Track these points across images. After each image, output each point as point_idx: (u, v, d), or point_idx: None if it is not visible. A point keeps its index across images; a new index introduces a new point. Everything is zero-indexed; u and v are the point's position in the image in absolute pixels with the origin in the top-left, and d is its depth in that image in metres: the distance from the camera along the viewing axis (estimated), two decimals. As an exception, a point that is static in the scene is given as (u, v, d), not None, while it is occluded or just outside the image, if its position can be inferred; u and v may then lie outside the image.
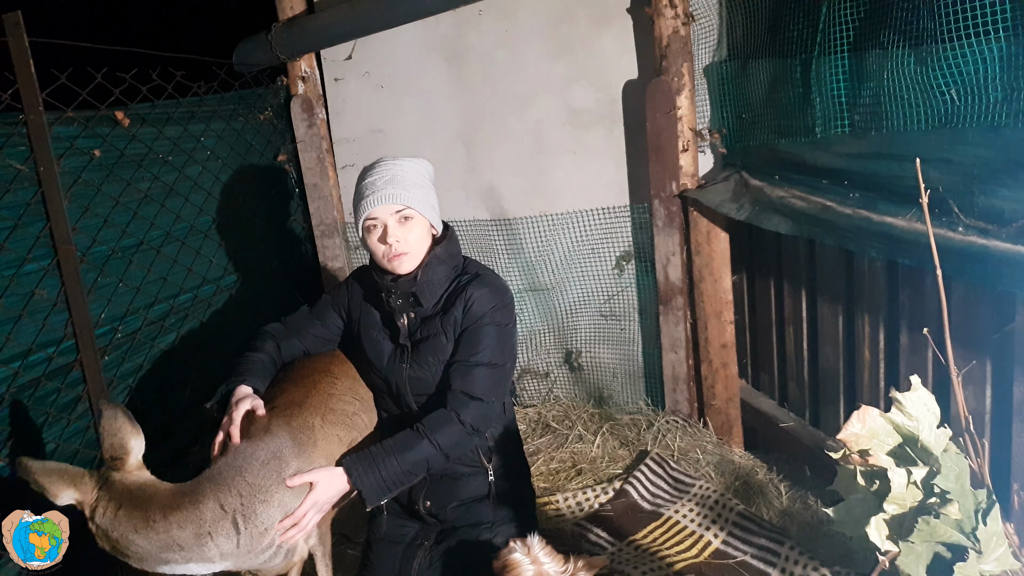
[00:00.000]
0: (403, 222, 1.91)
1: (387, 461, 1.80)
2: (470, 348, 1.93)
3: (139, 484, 1.68)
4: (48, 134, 2.31)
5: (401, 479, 1.83)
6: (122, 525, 1.63)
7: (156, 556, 1.65)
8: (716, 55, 2.84)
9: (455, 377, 1.93)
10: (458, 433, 1.88)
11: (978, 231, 1.69)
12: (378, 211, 1.89)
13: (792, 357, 2.76)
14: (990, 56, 1.63)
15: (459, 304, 1.95)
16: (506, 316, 1.99)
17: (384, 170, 1.94)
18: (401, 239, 1.90)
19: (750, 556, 2.27)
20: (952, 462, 1.34)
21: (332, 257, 3.61)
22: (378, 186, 1.90)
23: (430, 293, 1.96)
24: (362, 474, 1.79)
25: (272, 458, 1.76)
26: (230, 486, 1.70)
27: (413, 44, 3.36)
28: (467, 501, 2.04)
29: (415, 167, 1.99)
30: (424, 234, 1.96)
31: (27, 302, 2.27)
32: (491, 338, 1.94)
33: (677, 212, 2.93)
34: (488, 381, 1.93)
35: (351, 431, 1.97)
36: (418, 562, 2.01)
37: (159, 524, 1.63)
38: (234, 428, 1.81)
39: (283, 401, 1.90)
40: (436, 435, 1.85)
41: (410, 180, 1.93)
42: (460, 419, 1.88)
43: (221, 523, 1.67)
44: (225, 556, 1.70)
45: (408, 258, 1.92)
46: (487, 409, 1.93)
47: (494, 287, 1.99)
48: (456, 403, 1.90)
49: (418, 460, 1.83)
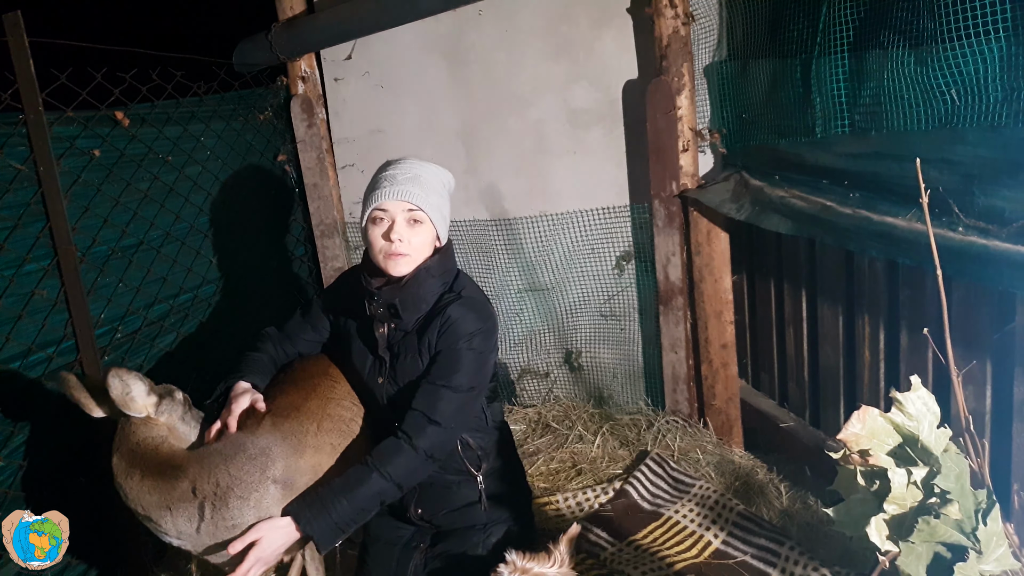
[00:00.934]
0: (412, 224, 1.87)
1: (336, 502, 1.70)
2: (441, 371, 1.85)
3: (143, 438, 1.75)
4: (48, 134, 2.31)
5: (355, 517, 1.74)
6: (118, 465, 1.73)
7: (130, 502, 1.72)
8: (716, 55, 2.84)
9: (420, 396, 1.84)
10: (411, 461, 1.79)
11: (978, 231, 1.69)
12: (390, 204, 1.85)
13: (792, 357, 2.76)
14: (990, 56, 1.63)
15: (436, 324, 1.87)
16: (485, 342, 1.90)
17: (408, 167, 1.91)
18: (405, 239, 1.85)
19: (750, 556, 2.27)
20: (952, 462, 1.34)
21: (332, 257, 3.61)
22: (398, 180, 1.87)
23: (412, 307, 1.89)
24: (311, 520, 1.68)
25: (260, 455, 1.76)
26: (210, 472, 1.71)
27: (413, 44, 3.36)
28: (459, 507, 2.02)
29: (438, 174, 1.96)
30: (428, 241, 1.91)
31: (27, 302, 2.27)
32: (466, 363, 1.85)
33: (677, 212, 2.93)
34: (453, 406, 1.84)
35: (346, 438, 1.95)
36: (414, 564, 2.01)
37: (134, 480, 1.70)
38: (232, 419, 1.82)
39: (282, 403, 1.90)
40: (387, 467, 1.76)
41: (430, 184, 1.90)
42: (413, 445, 1.79)
43: (186, 504, 1.69)
44: (182, 536, 1.71)
45: (406, 260, 1.87)
46: (446, 435, 1.84)
47: (477, 311, 1.90)
48: (413, 427, 1.81)
49: (369, 496, 1.74)
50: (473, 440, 2.00)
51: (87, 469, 2.42)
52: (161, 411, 1.78)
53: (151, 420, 1.77)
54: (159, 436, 1.77)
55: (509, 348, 3.56)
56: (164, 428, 1.78)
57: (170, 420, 1.80)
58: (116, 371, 1.69)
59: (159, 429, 1.77)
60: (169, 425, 1.80)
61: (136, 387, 1.72)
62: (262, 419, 1.83)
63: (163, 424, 1.78)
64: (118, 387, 1.70)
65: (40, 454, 2.28)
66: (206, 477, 1.71)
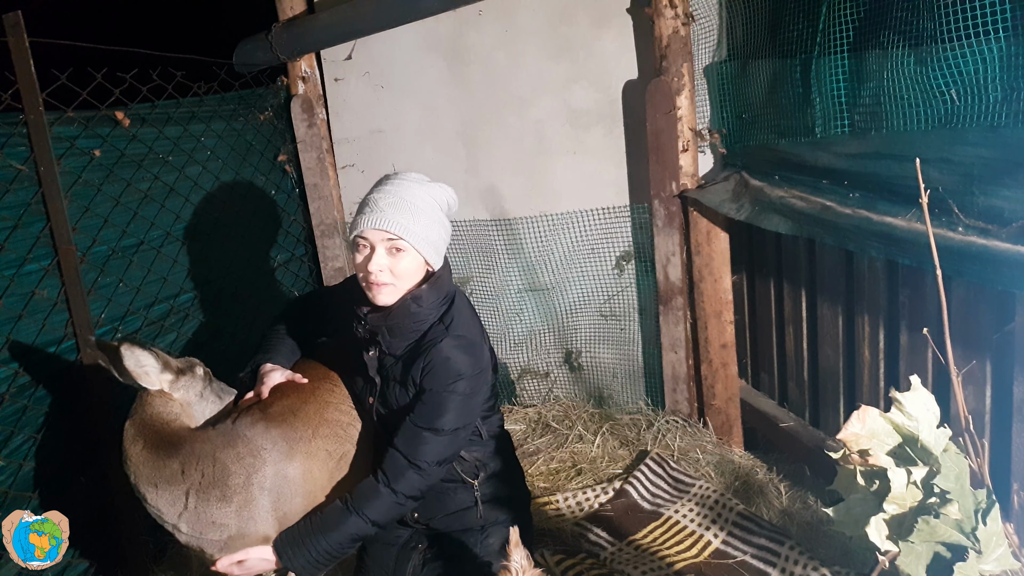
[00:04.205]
0: (393, 252, 1.76)
1: (315, 541, 1.74)
2: (425, 413, 1.78)
3: (157, 411, 1.77)
4: (48, 134, 2.31)
5: (332, 554, 1.76)
6: (128, 430, 1.75)
7: (127, 469, 1.73)
8: (716, 55, 2.84)
9: (402, 436, 1.79)
10: (388, 504, 1.78)
11: (978, 231, 1.69)
12: (370, 233, 1.75)
13: (792, 357, 2.76)
14: (990, 56, 1.63)
15: (420, 362, 1.80)
16: (471, 385, 1.81)
17: (394, 190, 1.78)
18: (384, 269, 1.75)
19: (750, 556, 2.27)
20: (952, 462, 1.34)
21: (332, 257, 3.61)
22: (380, 206, 1.75)
23: (399, 335, 1.82)
24: (292, 556, 1.74)
25: (249, 455, 1.76)
26: (199, 459, 1.73)
27: (413, 44, 3.36)
28: (455, 511, 2.02)
29: (429, 195, 1.81)
30: (413, 269, 1.79)
31: (27, 302, 2.27)
32: (451, 408, 1.78)
33: (677, 212, 2.93)
34: (436, 448, 1.79)
35: (343, 444, 1.94)
36: (412, 565, 2.00)
37: (137, 448, 1.72)
38: (265, 388, 1.90)
39: (279, 407, 1.88)
40: (365, 510, 1.76)
41: (417, 209, 1.76)
42: (391, 488, 1.77)
43: (173, 488, 1.70)
44: (164, 518, 1.72)
45: (389, 290, 1.78)
46: (426, 478, 1.80)
47: (467, 353, 1.80)
48: (392, 469, 1.78)
49: (347, 536, 1.76)
50: (468, 453, 1.99)
51: (87, 469, 2.42)
52: (178, 387, 1.80)
53: (166, 395, 1.78)
54: (172, 412, 1.78)
55: (509, 348, 3.56)
56: (178, 405, 1.80)
57: (186, 397, 1.81)
58: (129, 345, 1.72)
59: (173, 405, 1.79)
60: (184, 402, 1.81)
61: (149, 362, 1.75)
62: (258, 419, 1.83)
63: (178, 400, 1.80)
64: (131, 360, 1.72)
65: (40, 454, 2.28)
66: (194, 463, 1.72)
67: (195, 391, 1.84)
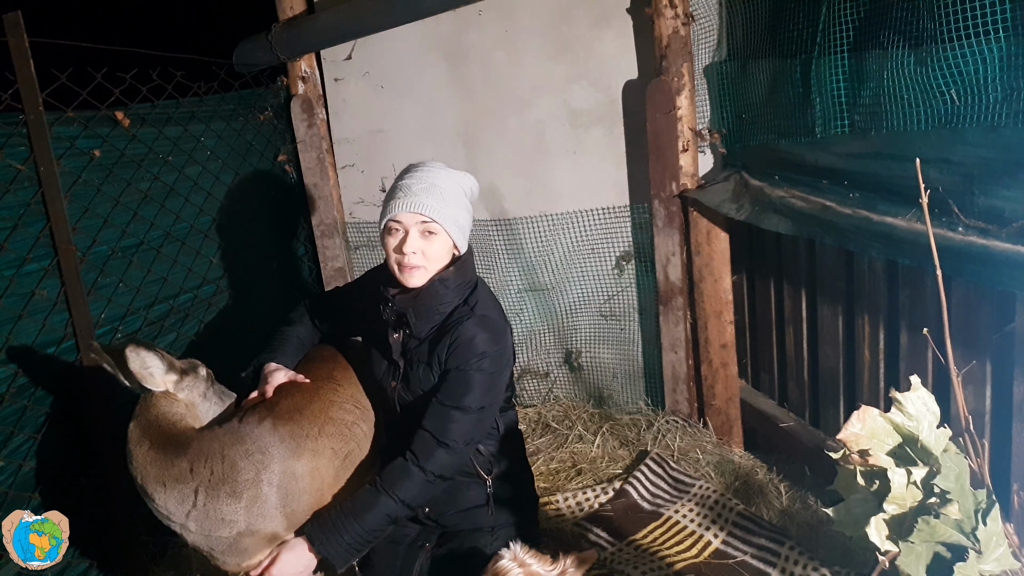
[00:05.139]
0: (426, 235, 1.82)
1: (348, 525, 1.75)
2: (452, 392, 1.83)
3: (163, 412, 1.77)
4: (48, 134, 2.31)
5: (367, 538, 1.78)
6: (132, 431, 1.75)
7: (133, 469, 1.73)
8: (716, 55, 2.84)
9: (430, 416, 1.83)
10: (419, 484, 1.80)
11: (978, 231, 1.69)
12: (404, 216, 1.81)
13: (792, 357, 2.76)
14: (990, 56, 1.63)
15: (446, 340, 1.85)
16: (496, 363, 1.87)
17: (424, 176, 1.85)
18: (418, 251, 1.82)
19: (750, 556, 2.27)
20: (952, 462, 1.34)
21: (332, 257, 3.61)
22: (413, 191, 1.81)
23: (425, 317, 1.87)
24: (325, 542, 1.74)
25: (258, 452, 1.77)
26: (208, 457, 1.73)
27: (413, 44, 3.36)
28: (466, 508, 2.03)
29: (457, 181, 1.90)
30: (444, 252, 1.87)
31: (27, 302, 2.27)
32: (476, 385, 1.83)
33: (677, 212, 2.93)
34: (464, 427, 1.83)
35: (348, 442, 1.96)
36: (419, 564, 2.00)
37: (143, 448, 1.72)
38: (269, 387, 1.92)
39: (285, 405, 1.90)
40: (395, 490, 1.78)
41: (447, 194, 1.84)
42: (421, 467, 1.80)
43: (181, 486, 1.70)
44: (172, 517, 1.72)
45: (420, 272, 1.84)
46: (455, 457, 1.84)
47: (490, 330, 1.86)
48: (421, 448, 1.81)
49: (380, 517, 1.78)
50: (484, 447, 2.01)
51: (87, 469, 2.42)
52: (182, 387, 1.80)
53: (171, 395, 1.79)
54: (178, 413, 1.79)
55: (509, 348, 3.56)
56: (183, 405, 1.80)
57: (190, 397, 1.82)
58: (135, 346, 1.71)
59: (178, 406, 1.79)
60: (188, 402, 1.81)
61: (154, 363, 1.75)
62: (264, 417, 1.84)
63: (182, 401, 1.80)
64: (136, 362, 1.72)
65: (40, 454, 2.28)
66: (203, 461, 1.72)
67: (198, 392, 1.84)
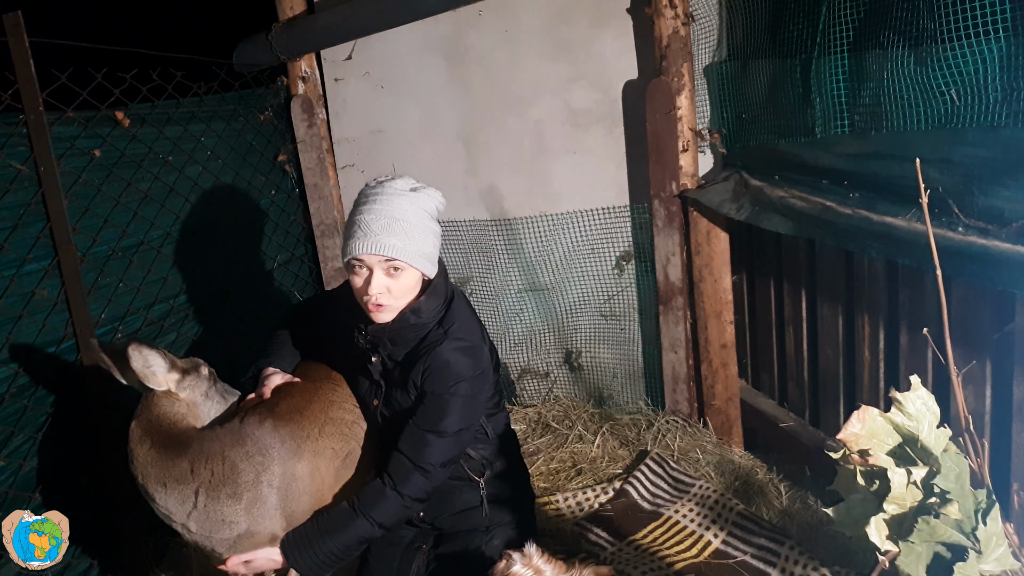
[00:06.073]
0: (392, 272, 1.75)
1: (322, 542, 1.77)
2: (427, 416, 1.81)
3: (164, 412, 1.77)
4: (48, 134, 2.31)
5: (338, 556, 1.79)
6: (134, 430, 1.75)
7: (134, 469, 1.73)
8: (716, 55, 2.84)
9: (405, 439, 1.81)
10: (395, 507, 1.80)
11: (978, 231, 1.69)
12: (365, 257, 1.74)
13: (792, 357, 2.76)
14: (990, 56, 1.63)
15: (419, 365, 1.82)
16: (473, 386, 1.83)
17: (384, 210, 1.74)
18: (384, 291, 1.75)
19: (750, 556, 2.27)
20: (952, 462, 1.34)
21: (332, 257, 3.61)
22: (372, 229, 1.72)
23: (400, 343, 1.85)
24: (298, 556, 1.77)
25: (258, 453, 1.77)
26: (209, 457, 1.73)
27: (413, 44, 3.36)
28: (460, 510, 2.03)
29: (416, 207, 1.78)
30: (412, 284, 1.80)
31: (27, 302, 2.27)
32: (452, 410, 1.80)
33: (677, 212, 2.93)
34: (440, 450, 1.81)
35: (348, 441, 1.96)
36: (416, 565, 2.01)
37: (144, 448, 1.72)
38: (267, 389, 1.92)
39: (284, 406, 1.90)
40: (371, 512, 1.78)
41: (409, 225, 1.74)
42: (398, 492, 1.79)
43: (182, 487, 1.70)
44: (173, 517, 1.73)
45: (388, 310, 1.79)
46: (431, 480, 1.82)
47: (465, 356, 1.82)
48: (397, 472, 1.80)
49: (354, 538, 1.79)
50: (475, 451, 2.01)
51: (87, 469, 2.42)
52: (183, 387, 1.80)
53: (173, 395, 1.79)
54: (179, 412, 1.79)
55: (509, 348, 3.56)
56: (185, 405, 1.80)
57: (192, 396, 1.82)
58: (137, 345, 1.72)
59: (180, 405, 1.80)
60: (190, 402, 1.81)
61: (156, 362, 1.75)
62: (265, 418, 1.84)
63: (184, 400, 1.80)
64: (138, 360, 1.72)
65: (40, 454, 2.28)
66: (204, 462, 1.73)
67: (200, 391, 1.85)
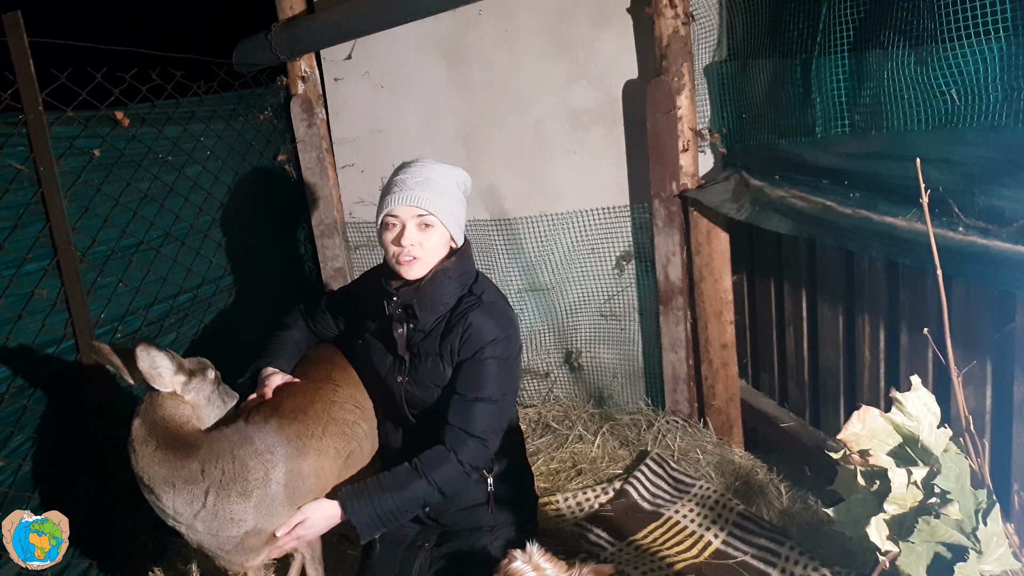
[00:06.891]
0: (423, 228, 1.87)
1: (383, 497, 1.79)
2: (470, 383, 1.88)
3: (169, 413, 1.77)
4: (48, 134, 2.30)
5: (396, 515, 1.81)
6: (137, 430, 1.75)
7: (138, 470, 1.73)
8: (716, 55, 2.84)
9: (454, 412, 1.88)
10: (455, 472, 1.86)
11: (978, 231, 1.69)
12: (400, 210, 1.86)
13: (792, 357, 2.76)
14: (990, 56, 1.63)
15: (457, 331, 1.89)
16: (508, 349, 1.91)
17: (418, 171, 1.91)
18: (416, 244, 1.86)
19: (750, 556, 2.27)
20: (952, 462, 1.34)
21: (332, 257, 3.61)
22: (408, 185, 1.87)
23: (430, 309, 1.90)
24: (357, 508, 1.78)
25: (266, 451, 1.78)
26: (218, 458, 1.74)
27: (413, 44, 3.36)
28: (466, 507, 2.04)
29: (449, 175, 1.95)
30: (441, 244, 1.91)
31: (27, 302, 2.26)
32: (492, 374, 1.88)
33: (677, 212, 2.93)
34: (487, 417, 1.88)
35: (350, 441, 1.97)
36: (418, 564, 2.01)
37: (148, 448, 1.72)
38: (267, 389, 1.94)
39: (288, 406, 1.92)
40: (433, 474, 1.83)
41: (441, 187, 1.90)
42: (458, 458, 1.85)
43: (191, 487, 1.71)
44: (178, 517, 1.72)
45: (419, 264, 1.88)
46: (484, 448, 1.89)
47: (498, 318, 1.91)
48: (454, 441, 1.86)
49: (414, 497, 1.83)
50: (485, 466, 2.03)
51: (87, 469, 2.42)
52: (189, 389, 1.80)
53: (177, 396, 1.79)
54: (184, 414, 1.79)
55: (509, 348, 3.56)
56: (189, 407, 1.80)
57: (196, 399, 1.82)
58: (145, 346, 1.72)
59: (184, 407, 1.80)
60: (194, 404, 1.82)
61: (163, 364, 1.75)
62: (270, 417, 1.85)
63: (189, 403, 1.80)
64: (145, 361, 1.72)
65: (40, 454, 2.28)
66: (214, 462, 1.73)
67: (204, 394, 1.84)
